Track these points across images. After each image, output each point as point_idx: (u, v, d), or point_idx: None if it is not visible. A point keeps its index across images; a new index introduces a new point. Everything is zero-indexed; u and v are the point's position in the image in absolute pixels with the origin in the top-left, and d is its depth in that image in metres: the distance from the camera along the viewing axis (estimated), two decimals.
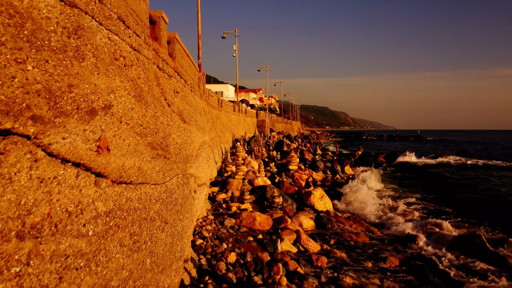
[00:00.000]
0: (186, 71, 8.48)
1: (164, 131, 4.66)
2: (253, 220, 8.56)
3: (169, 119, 5.26)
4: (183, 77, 7.61)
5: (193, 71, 9.89)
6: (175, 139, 5.36)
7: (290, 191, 12.54)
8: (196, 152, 7.83)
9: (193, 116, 8.45)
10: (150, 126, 3.96)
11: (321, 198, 11.39)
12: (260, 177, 11.89)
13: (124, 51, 3.48)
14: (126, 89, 3.30)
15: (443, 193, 15.95)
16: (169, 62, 5.99)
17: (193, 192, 6.21)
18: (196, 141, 8.05)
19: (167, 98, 5.40)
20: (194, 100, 9.29)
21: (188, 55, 8.65)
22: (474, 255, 7.51)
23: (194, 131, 7.97)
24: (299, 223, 9.35)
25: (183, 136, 6.32)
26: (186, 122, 7.24)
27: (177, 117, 6.18)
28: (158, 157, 4.09)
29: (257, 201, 11.18)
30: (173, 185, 4.62)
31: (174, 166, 4.89)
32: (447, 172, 23.94)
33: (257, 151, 21.37)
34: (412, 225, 9.70)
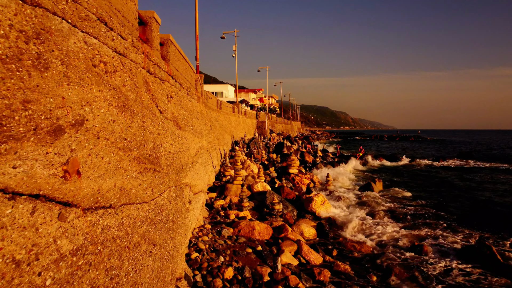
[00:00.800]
0: (182, 73, 8.11)
1: (154, 141, 4.29)
2: (252, 229, 8.19)
3: (161, 127, 4.90)
4: (178, 81, 7.25)
5: (190, 74, 9.53)
6: (167, 148, 4.99)
7: (290, 196, 12.18)
8: (192, 159, 7.47)
9: (189, 121, 8.09)
10: (137, 138, 3.59)
11: (322, 204, 11.03)
12: (259, 182, 11.52)
13: (105, 56, 3.11)
14: (106, 99, 2.93)
15: (451, 198, 15.58)
16: (161, 65, 5.62)
17: (187, 204, 5.84)
18: (192, 147, 7.68)
19: (158, 105, 5.03)
20: (191, 103, 8.92)
21: (184, 57, 8.28)
22: (485, 266, 7.15)
23: (190, 137, 7.61)
24: (300, 231, 8.98)
25: (178, 143, 5.95)
26: (181, 128, 6.88)
27: (171, 124, 5.82)
28: (146, 171, 3.72)
29: (257, 207, 10.82)
30: (163, 201, 4.25)
31: (165, 178, 4.52)
32: (453, 176, 23.53)
33: (256, 153, 21.01)
34: (418, 233, 9.33)
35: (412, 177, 21.96)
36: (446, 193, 16.48)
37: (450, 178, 21.91)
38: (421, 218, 11.28)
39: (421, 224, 10.56)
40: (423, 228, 10.11)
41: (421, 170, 25.48)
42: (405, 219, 11.06)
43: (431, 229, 9.98)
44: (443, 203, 14.20)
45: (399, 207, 12.84)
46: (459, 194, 16.51)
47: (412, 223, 10.59)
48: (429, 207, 13.16)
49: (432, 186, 18.45)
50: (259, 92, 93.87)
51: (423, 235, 9.24)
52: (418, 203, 14.11)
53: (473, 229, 10.12)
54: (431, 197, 15.50)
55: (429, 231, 9.73)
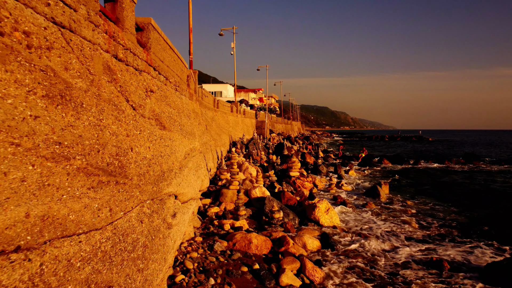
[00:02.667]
0: (169, 66, 7.16)
1: (118, 145, 3.34)
2: (248, 243, 7.24)
3: (132, 127, 3.94)
4: (163, 73, 6.29)
5: (180, 68, 8.57)
6: (141, 153, 4.03)
7: (291, 202, 11.22)
8: (180, 164, 6.51)
9: (177, 119, 7.13)
10: (85, 141, 2.63)
11: (326, 212, 10.07)
12: (257, 187, 10.56)
13: (29, 23, 2.15)
14: (22, 85, 1.97)
15: (462, 202, 14.62)
16: (138, 52, 4.66)
17: (169, 218, 4.88)
18: (180, 150, 6.72)
19: (130, 99, 4.07)
20: (180, 101, 7.96)
21: (171, 48, 7.33)
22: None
23: (177, 138, 6.65)
24: (303, 244, 8.02)
25: (159, 146, 4.99)
26: (166, 128, 5.93)
27: (150, 123, 4.86)
28: (100, 186, 2.76)
29: (255, 215, 9.87)
30: (130, 222, 3.29)
31: (135, 192, 3.56)
32: (463, 178, 22.53)
33: (255, 154, 20.06)
34: (435, 246, 8.37)
35: (419, 180, 20.97)
36: (457, 197, 15.52)
37: (460, 181, 20.94)
38: (439, 228, 10.32)
39: (439, 234, 9.59)
40: (442, 240, 9.15)
41: (428, 172, 24.48)
42: (420, 228, 10.10)
43: (451, 241, 9.02)
44: (460, 210, 13.24)
45: (409, 214, 11.88)
46: (473, 198, 15.53)
47: (427, 233, 9.63)
48: (443, 213, 12.21)
49: (442, 191, 17.47)
50: (259, 92, 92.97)
51: (441, 248, 8.28)
52: (431, 209, 13.15)
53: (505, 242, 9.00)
54: (443, 201, 14.55)
55: (448, 243, 8.77)
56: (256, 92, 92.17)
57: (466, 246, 8.58)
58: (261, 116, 43.32)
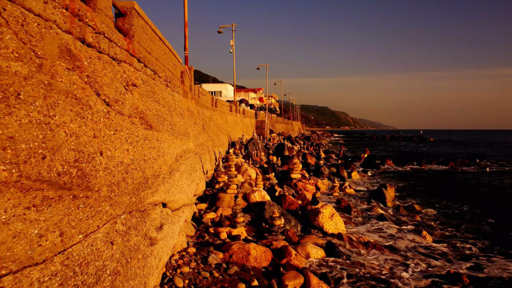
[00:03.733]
0: (158, 59, 6.48)
1: (79, 148, 2.65)
2: (246, 254, 6.55)
3: (105, 126, 3.26)
4: (150, 66, 5.61)
5: (172, 62, 7.89)
6: (116, 157, 3.35)
7: (293, 207, 10.53)
8: (170, 167, 5.83)
9: (168, 118, 6.45)
10: (20, 144, 1.95)
11: (331, 217, 9.38)
12: (257, 191, 9.87)
13: None
14: None
15: (471, 205, 13.94)
16: (115, 39, 3.98)
17: (152, 232, 4.20)
18: (170, 152, 6.04)
19: (102, 93, 3.39)
20: (172, 98, 7.28)
21: (161, 39, 6.64)
22: None
23: (167, 139, 5.97)
24: (306, 254, 7.34)
25: (142, 149, 4.31)
26: (153, 128, 5.25)
27: (132, 121, 4.18)
28: (46, 203, 2.08)
29: (254, 221, 9.18)
30: (95, 245, 2.61)
31: (104, 206, 2.88)
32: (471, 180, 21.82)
33: (255, 155, 19.37)
34: (451, 258, 7.68)
35: (425, 182, 20.26)
36: (465, 200, 14.82)
37: (467, 183, 20.25)
38: (452, 237, 9.64)
39: (452, 244, 8.91)
40: (456, 250, 8.46)
41: (433, 174, 23.78)
42: (431, 235, 9.41)
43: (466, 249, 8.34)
44: (470, 214, 12.56)
45: (418, 220, 11.20)
46: (482, 201, 14.85)
47: (440, 241, 8.95)
48: (453, 218, 11.53)
49: (449, 193, 16.77)
50: (259, 91, 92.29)
51: (458, 259, 7.60)
52: (440, 213, 12.47)
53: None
54: (451, 204, 13.87)
55: (464, 252, 8.09)
56: (256, 92, 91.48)
57: (483, 258, 7.89)
58: (261, 116, 42.64)
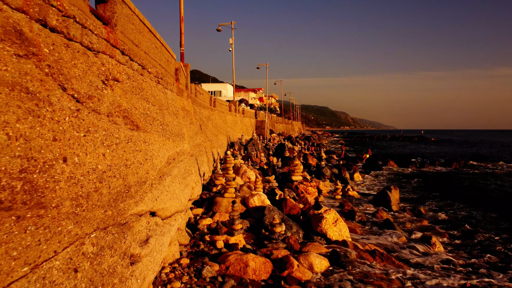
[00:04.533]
0: (148, 53, 5.93)
1: (29, 154, 2.11)
2: (244, 266, 6.01)
3: (71, 126, 2.71)
4: (137, 60, 5.07)
5: (164, 58, 7.35)
6: (86, 164, 2.80)
7: (294, 211, 9.98)
8: (160, 172, 5.28)
9: (159, 118, 5.91)
10: None
11: (334, 223, 8.84)
12: (256, 195, 9.32)
13: None
14: None
15: (478, 208, 13.40)
16: (91, 26, 3.44)
17: (136, 248, 3.65)
18: (160, 154, 5.49)
19: (70, 87, 2.84)
20: (164, 96, 6.74)
21: (151, 32, 6.10)
22: None
23: (157, 140, 5.42)
24: (309, 265, 6.79)
25: (124, 152, 3.76)
26: (140, 128, 4.70)
27: (112, 121, 3.63)
28: None
29: (253, 227, 8.64)
30: (49, 277, 2.07)
31: (66, 225, 2.34)
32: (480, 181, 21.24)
33: (254, 156, 18.82)
34: (465, 269, 7.13)
35: (429, 183, 19.72)
36: (472, 202, 14.27)
37: (473, 184, 19.70)
38: (464, 245, 9.10)
39: (464, 250, 8.36)
40: (469, 258, 7.92)
41: (437, 175, 23.20)
42: (442, 242, 8.87)
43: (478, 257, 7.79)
44: (478, 217, 12.01)
45: (425, 224, 10.66)
46: (491, 204, 14.29)
47: (452, 249, 8.40)
48: (461, 221, 10.99)
49: (455, 194, 16.22)
50: (259, 91, 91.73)
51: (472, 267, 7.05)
52: (448, 216, 11.92)
53: None
54: (458, 206, 13.33)
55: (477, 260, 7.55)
56: (256, 92, 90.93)
57: (498, 272, 7.35)
58: (261, 116, 42.09)
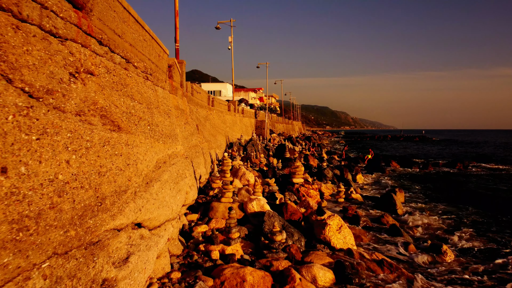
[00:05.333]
0: (134, 46, 5.36)
1: None
2: (241, 281, 5.44)
3: (16, 128, 2.15)
4: (119, 52, 4.50)
5: (155, 52, 6.78)
6: (39, 174, 2.24)
7: (295, 216, 9.42)
8: (146, 178, 4.72)
9: (146, 117, 5.33)
10: None
11: (339, 230, 8.27)
12: (255, 200, 8.75)
13: None
14: None
15: (486, 211, 12.82)
16: (54, 6, 2.87)
17: (110, 271, 3.08)
18: (147, 158, 4.92)
19: (18, 78, 2.28)
20: (154, 93, 6.17)
21: (139, 23, 5.53)
22: None
23: (142, 142, 4.85)
24: (312, 278, 6.22)
25: (98, 158, 3.19)
26: (122, 129, 4.13)
27: (82, 120, 3.06)
28: None
29: (251, 234, 8.07)
30: None
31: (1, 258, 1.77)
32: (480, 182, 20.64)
33: (254, 157, 18.25)
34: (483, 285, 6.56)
35: (434, 184, 19.10)
36: (480, 205, 13.70)
37: (479, 185, 19.11)
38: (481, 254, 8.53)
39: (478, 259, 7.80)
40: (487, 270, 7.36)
41: (442, 176, 22.59)
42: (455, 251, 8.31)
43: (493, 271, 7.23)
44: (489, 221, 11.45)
45: (435, 229, 10.09)
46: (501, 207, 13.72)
47: (468, 259, 7.84)
48: (473, 228, 10.42)
49: (462, 197, 15.64)
50: (259, 91, 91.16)
51: None
52: (458, 222, 11.36)
53: None
54: (467, 209, 12.76)
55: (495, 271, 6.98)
56: (256, 92, 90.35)
57: None
58: (261, 116, 41.52)
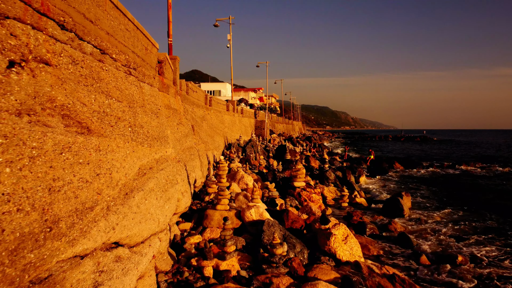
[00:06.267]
0: (114, 36, 4.67)
1: None
2: None
3: None
4: (91, 41, 3.81)
5: (141, 45, 6.08)
6: None
7: (297, 224, 8.73)
8: (125, 188, 4.02)
9: (126, 117, 4.63)
10: None
11: (345, 240, 7.58)
12: (253, 208, 8.05)
13: None
14: None
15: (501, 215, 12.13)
16: None
17: None
18: (126, 165, 4.22)
19: None
20: (138, 90, 5.47)
21: (118, 9, 4.83)
22: None
23: (121, 146, 4.15)
24: None
25: (50, 169, 2.50)
26: (93, 131, 3.48)
27: (28, 121, 2.38)
28: None
29: (249, 245, 7.37)
30: None
31: None
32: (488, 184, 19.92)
33: (253, 159, 17.56)
34: None
35: (441, 186, 18.39)
36: (493, 208, 13.01)
37: (488, 187, 18.41)
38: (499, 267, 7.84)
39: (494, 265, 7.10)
40: None
41: (448, 177, 21.84)
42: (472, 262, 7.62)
43: None
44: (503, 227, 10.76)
45: (447, 235, 9.40)
46: None
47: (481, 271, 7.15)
48: (486, 233, 9.73)
49: (472, 200, 14.94)
50: (259, 91, 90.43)
51: None
52: (467, 226, 10.66)
53: None
54: (484, 213, 12.07)
55: None
56: (256, 92, 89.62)
57: None
58: (261, 116, 40.82)
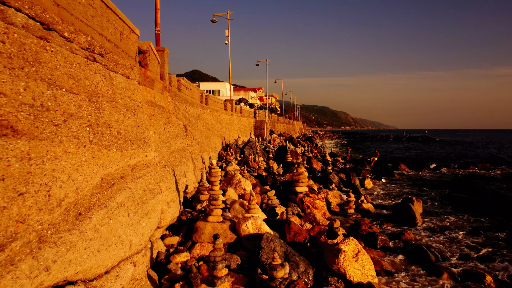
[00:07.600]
0: (71, 11, 3.66)
1: None
2: None
3: None
4: (22, 9, 2.81)
5: (114, 28, 5.06)
6: None
7: (300, 237, 7.73)
8: (76, 208, 3.05)
9: (85, 114, 3.62)
10: None
11: (355, 258, 6.57)
12: (250, 220, 7.03)
13: None
14: None
15: None
16: None
17: None
18: (78, 177, 3.24)
19: None
20: (107, 82, 4.45)
21: None
22: None
23: (71, 152, 3.17)
24: None
25: None
26: (21, 132, 2.57)
27: None
28: None
29: (245, 264, 6.34)
30: None
31: None
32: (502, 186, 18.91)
33: (252, 160, 16.54)
34: None
35: (452, 189, 17.30)
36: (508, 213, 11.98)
37: (501, 190, 17.40)
38: None
39: None
40: None
41: (457, 180, 20.73)
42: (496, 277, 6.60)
43: None
44: None
45: (466, 245, 8.39)
46: None
47: None
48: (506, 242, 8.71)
49: (485, 204, 13.92)
50: (259, 91, 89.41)
51: None
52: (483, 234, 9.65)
53: None
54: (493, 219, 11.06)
55: None
56: (256, 91, 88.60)
57: None
58: (261, 115, 39.80)
